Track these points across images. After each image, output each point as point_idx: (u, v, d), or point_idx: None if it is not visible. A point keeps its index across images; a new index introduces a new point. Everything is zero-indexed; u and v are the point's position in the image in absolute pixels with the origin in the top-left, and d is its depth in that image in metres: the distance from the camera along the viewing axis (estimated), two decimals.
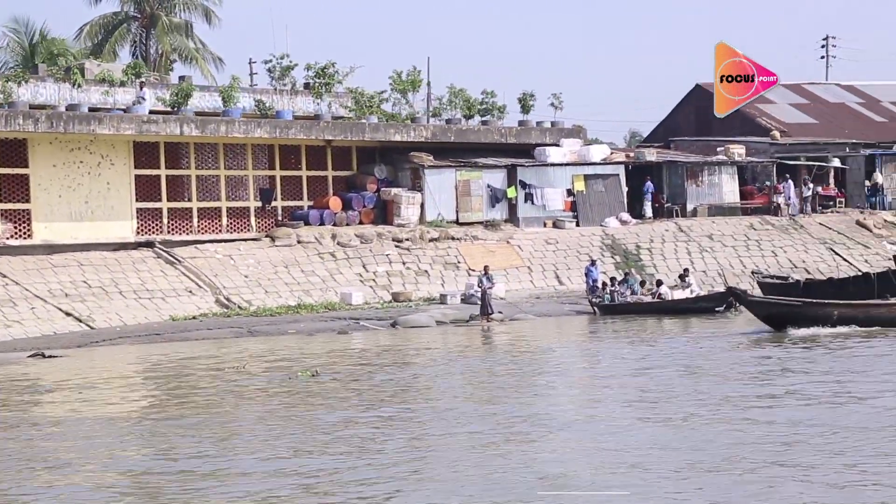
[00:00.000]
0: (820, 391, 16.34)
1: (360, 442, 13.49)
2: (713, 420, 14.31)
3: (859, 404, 15.11)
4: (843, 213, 40.92)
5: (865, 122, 51.05)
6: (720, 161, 39.92)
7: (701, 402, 15.67)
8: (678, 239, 37.30)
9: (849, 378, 17.53)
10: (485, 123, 38.55)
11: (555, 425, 14.18)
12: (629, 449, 12.53)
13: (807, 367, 18.93)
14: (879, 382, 16.98)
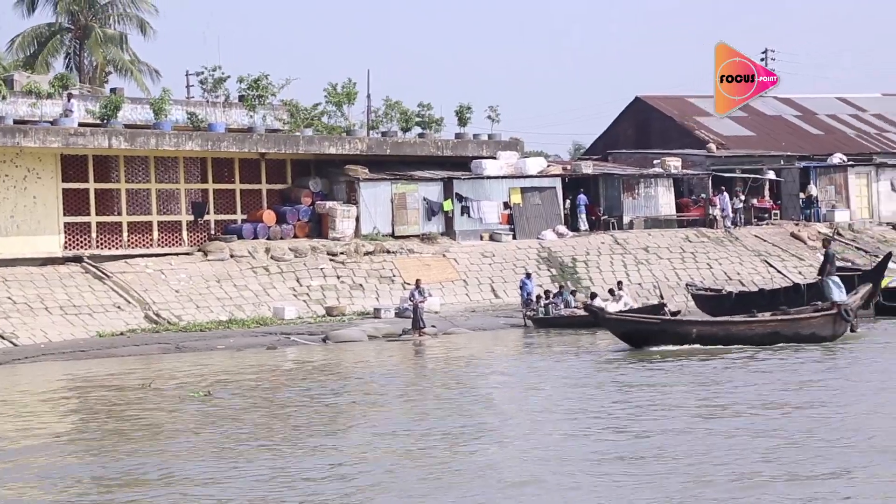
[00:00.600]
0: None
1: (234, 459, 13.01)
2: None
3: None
4: (777, 226, 41.22)
5: (802, 135, 51.54)
6: (656, 174, 40.07)
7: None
8: (614, 251, 37.36)
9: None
10: (421, 136, 38.43)
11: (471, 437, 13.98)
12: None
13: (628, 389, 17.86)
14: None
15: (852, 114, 53.94)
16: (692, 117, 51.89)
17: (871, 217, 43.43)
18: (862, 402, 15.65)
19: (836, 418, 14.30)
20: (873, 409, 14.94)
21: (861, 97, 55.95)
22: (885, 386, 17.04)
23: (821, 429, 13.42)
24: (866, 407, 15.11)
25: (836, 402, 15.65)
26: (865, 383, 17.50)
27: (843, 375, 18.69)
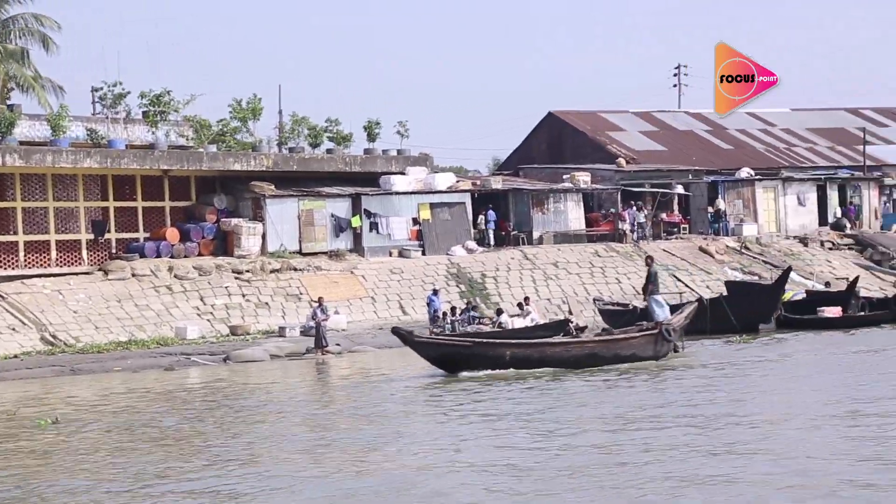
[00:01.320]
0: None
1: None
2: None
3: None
4: (686, 240, 41.46)
5: (712, 150, 52.05)
6: (565, 188, 40.10)
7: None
8: (524, 267, 37.27)
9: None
10: (329, 152, 38.07)
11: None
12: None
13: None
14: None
15: (761, 128, 54.64)
16: (604, 132, 52.19)
17: (779, 231, 43.88)
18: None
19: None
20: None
21: (770, 112, 56.66)
22: (685, 412, 15.95)
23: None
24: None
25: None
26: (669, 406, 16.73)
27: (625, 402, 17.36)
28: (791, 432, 13.90)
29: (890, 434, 13.42)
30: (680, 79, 68.45)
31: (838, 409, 15.77)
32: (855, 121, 55.66)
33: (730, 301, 28.84)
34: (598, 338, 22.68)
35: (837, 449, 12.72)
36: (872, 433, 13.54)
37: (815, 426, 14.35)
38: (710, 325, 28.67)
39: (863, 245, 43.49)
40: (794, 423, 14.71)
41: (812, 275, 40.29)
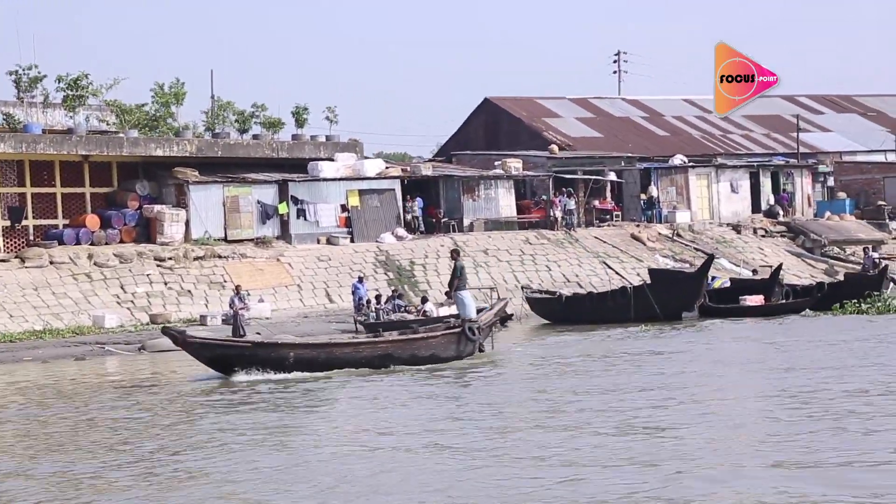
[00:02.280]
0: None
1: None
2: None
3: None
4: (618, 227, 41.30)
5: (648, 137, 52.00)
6: (496, 175, 39.77)
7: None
8: None
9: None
10: (255, 138, 37.47)
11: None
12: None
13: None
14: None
15: (698, 115, 54.65)
16: (541, 119, 51.96)
17: (712, 218, 43.85)
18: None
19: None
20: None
21: (707, 99, 56.43)
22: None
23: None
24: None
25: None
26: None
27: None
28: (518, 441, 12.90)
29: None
30: (620, 65, 68.37)
31: (564, 418, 14.48)
32: (791, 108, 55.79)
33: (653, 289, 28.66)
34: (391, 338, 21.28)
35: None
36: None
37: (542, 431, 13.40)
38: (635, 314, 28.57)
39: (795, 232, 43.58)
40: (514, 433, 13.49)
41: (744, 262, 40.29)
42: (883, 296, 28.75)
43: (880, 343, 21.68)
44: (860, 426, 12.75)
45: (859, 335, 23.14)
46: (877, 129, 54.62)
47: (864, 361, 18.87)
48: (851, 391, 15.51)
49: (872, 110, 57.04)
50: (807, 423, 13.20)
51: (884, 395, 15.14)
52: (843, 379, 16.75)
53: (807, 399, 15.00)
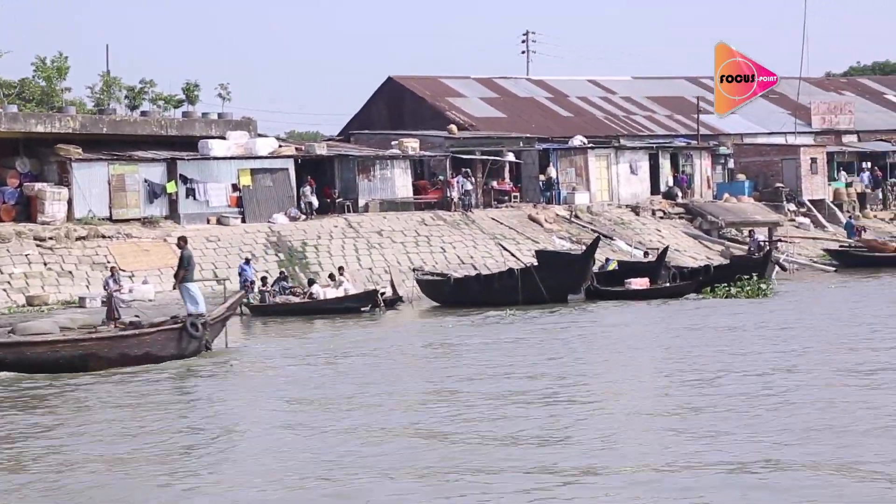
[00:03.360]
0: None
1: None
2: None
3: None
4: (516, 208, 41.03)
5: (552, 117, 51.82)
6: (392, 155, 39.23)
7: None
8: (347, 235, 36.32)
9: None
10: (144, 115, 36.52)
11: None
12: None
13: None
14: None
15: (602, 96, 54.63)
16: (444, 98, 51.52)
17: (611, 199, 43.76)
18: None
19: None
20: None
21: (611, 80, 56.75)
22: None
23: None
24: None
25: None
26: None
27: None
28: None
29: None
30: (528, 45, 68.15)
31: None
32: (695, 90, 55.96)
33: (539, 271, 28.38)
34: (97, 335, 19.33)
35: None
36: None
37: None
38: (522, 296, 28.30)
39: (693, 214, 43.68)
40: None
41: (640, 244, 40.27)
42: (767, 279, 28.80)
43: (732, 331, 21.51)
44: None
45: (719, 322, 22.98)
46: (778, 112, 55.02)
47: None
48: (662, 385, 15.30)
49: (775, 93, 57.28)
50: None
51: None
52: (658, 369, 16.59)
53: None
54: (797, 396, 13.81)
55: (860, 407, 12.97)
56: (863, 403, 13.19)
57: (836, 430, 11.74)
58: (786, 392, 14.13)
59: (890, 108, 57.51)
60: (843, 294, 29.62)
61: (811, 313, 24.25)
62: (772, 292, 28.48)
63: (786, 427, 12.00)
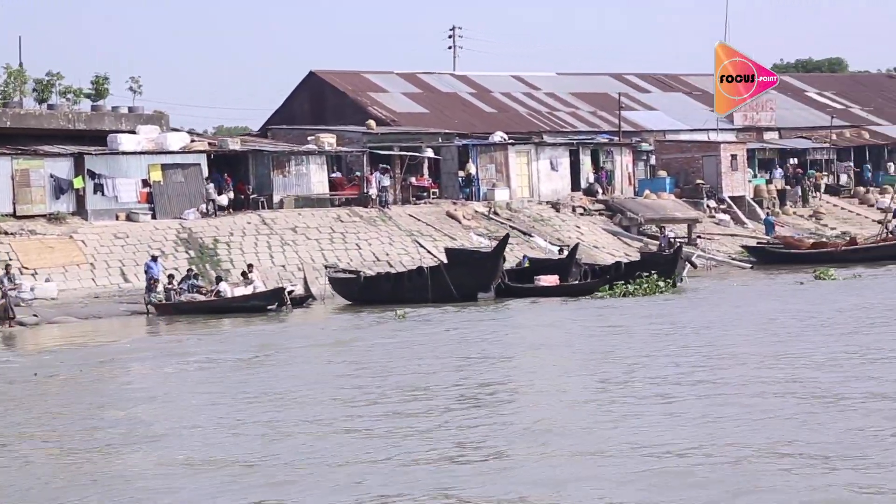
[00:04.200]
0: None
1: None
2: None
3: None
4: (435, 205, 40.64)
5: (475, 113, 51.52)
6: (308, 151, 38.65)
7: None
8: (260, 232, 35.70)
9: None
10: (51, 108, 35.61)
11: None
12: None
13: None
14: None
15: (526, 92, 54.42)
16: (366, 93, 51.00)
17: (532, 196, 43.51)
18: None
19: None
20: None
21: (536, 75, 56.59)
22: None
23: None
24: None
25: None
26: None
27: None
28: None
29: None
30: (455, 41, 67.78)
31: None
32: (619, 86, 55.97)
33: (449, 269, 28.01)
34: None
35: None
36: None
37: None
38: (432, 294, 27.93)
39: (613, 211, 43.55)
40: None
41: (559, 240, 40.07)
42: (675, 276, 28.68)
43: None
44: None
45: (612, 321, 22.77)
46: (700, 108, 55.21)
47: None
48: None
49: (698, 90, 57.65)
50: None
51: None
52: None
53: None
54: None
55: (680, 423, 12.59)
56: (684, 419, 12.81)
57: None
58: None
59: (811, 106, 57.98)
60: (742, 293, 29.05)
61: (691, 316, 23.62)
62: (681, 290, 28.38)
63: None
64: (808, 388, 14.11)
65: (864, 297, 25.80)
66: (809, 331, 20.26)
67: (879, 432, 11.51)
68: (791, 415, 12.53)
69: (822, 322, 21.43)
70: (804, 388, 14.08)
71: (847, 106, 58.40)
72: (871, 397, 13.42)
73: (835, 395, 13.60)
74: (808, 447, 10.98)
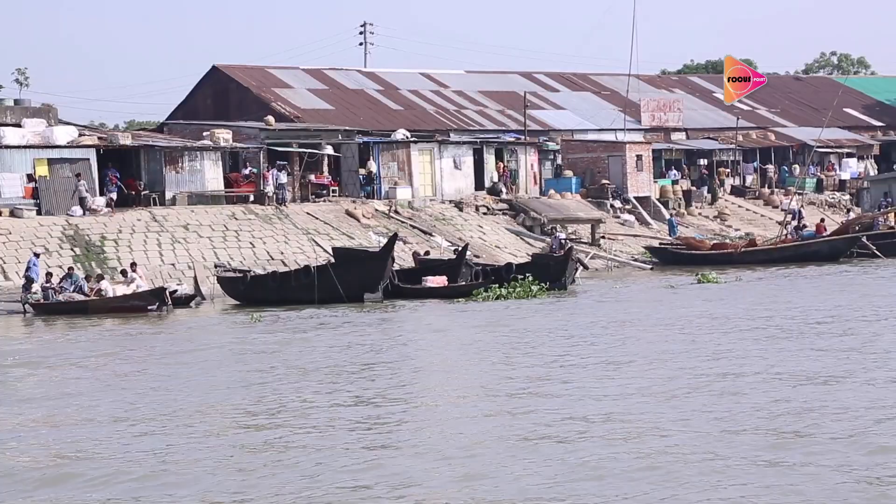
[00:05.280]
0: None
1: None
2: None
3: None
4: (334, 203, 39.96)
5: (382, 110, 50.93)
6: (202, 146, 37.74)
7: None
8: (150, 229, 34.72)
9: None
10: None
11: None
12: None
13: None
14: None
15: (434, 90, 53.94)
16: (271, 89, 50.20)
17: (435, 195, 43.00)
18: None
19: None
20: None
21: (445, 73, 56.14)
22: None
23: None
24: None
25: None
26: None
27: None
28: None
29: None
30: (366, 37, 67.10)
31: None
32: (528, 85, 55.76)
33: (337, 269, 27.35)
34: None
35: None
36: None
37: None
38: (319, 294, 27.28)
39: (516, 210, 43.19)
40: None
41: (461, 240, 39.62)
42: (566, 277, 28.32)
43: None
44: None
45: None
46: (609, 108, 55.16)
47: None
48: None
49: (607, 89, 57.62)
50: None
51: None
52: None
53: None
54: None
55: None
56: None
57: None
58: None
59: (718, 107, 58.20)
60: (618, 298, 27.81)
61: (533, 322, 22.83)
62: (571, 293, 28.02)
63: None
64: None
65: (718, 306, 24.68)
66: (614, 341, 19.44)
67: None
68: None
69: (635, 333, 20.45)
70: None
71: (754, 108, 58.74)
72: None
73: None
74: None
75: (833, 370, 15.35)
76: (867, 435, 11.30)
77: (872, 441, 11.02)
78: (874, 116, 60.39)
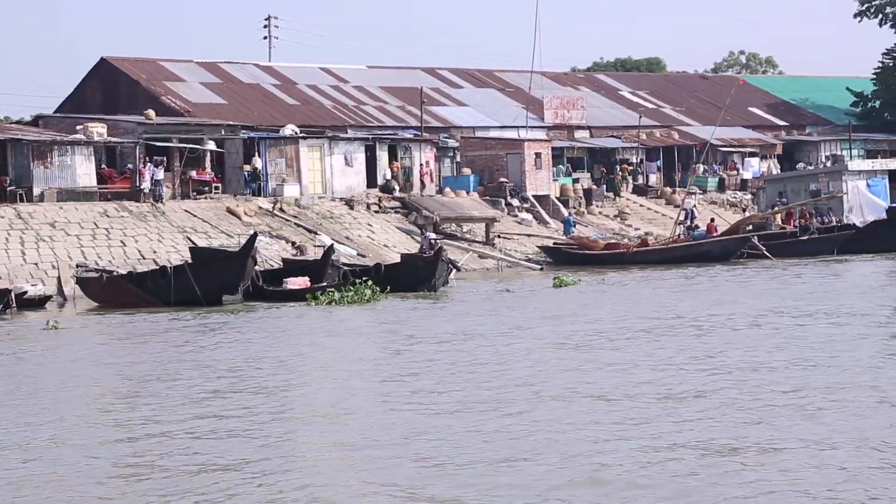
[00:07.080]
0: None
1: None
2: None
3: None
4: (216, 200, 38.55)
5: (278, 105, 49.61)
6: (73, 141, 36.14)
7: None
8: (13, 227, 33.07)
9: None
10: None
11: None
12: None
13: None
14: None
15: (333, 85, 52.71)
16: (161, 82, 48.65)
17: (325, 192, 41.73)
18: None
19: None
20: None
21: (345, 68, 54.94)
22: None
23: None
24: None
25: None
26: None
27: None
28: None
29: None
30: (270, 31, 65.61)
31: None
32: (431, 80, 54.73)
33: (194, 270, 26.00)
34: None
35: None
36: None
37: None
38: (175, 296, 25.93)
39: (409, 209, 42.09)
40: None
41: (349, 239, 38.44)
42: (437, 278, 27.26)
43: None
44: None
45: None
46: (512, 105, 54.26)
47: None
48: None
49: (511, 86, 56.73)
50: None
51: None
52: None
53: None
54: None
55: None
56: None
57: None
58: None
59: (623, 105, 57.60)
60: (469, 302, 25.74)
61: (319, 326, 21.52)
62: (440, 295, 26.95)
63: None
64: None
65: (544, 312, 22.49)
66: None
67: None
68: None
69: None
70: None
71: (659, 106, 58.23)
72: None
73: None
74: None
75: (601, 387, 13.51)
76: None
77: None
78: (779, 116, 60.19)
